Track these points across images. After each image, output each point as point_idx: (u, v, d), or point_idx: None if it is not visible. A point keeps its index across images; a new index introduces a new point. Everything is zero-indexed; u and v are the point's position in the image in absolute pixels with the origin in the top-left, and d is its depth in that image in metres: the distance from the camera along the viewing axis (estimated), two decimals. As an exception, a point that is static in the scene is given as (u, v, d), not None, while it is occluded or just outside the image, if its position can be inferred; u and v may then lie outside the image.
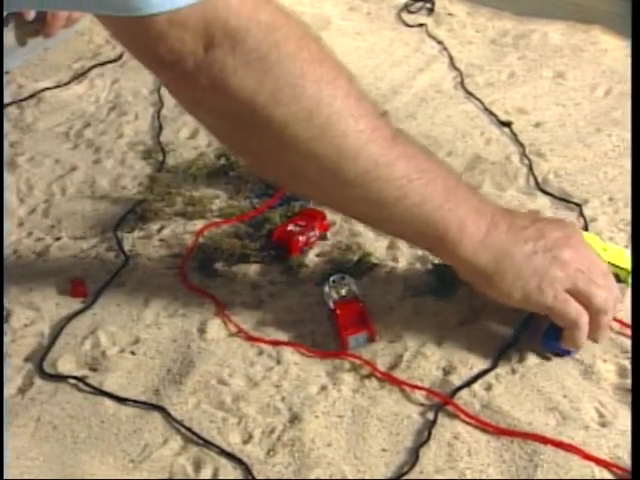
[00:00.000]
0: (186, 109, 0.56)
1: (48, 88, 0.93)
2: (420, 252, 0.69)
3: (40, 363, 0.62)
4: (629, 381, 0.57)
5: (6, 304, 0.67)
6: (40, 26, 0.89)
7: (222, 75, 0.48)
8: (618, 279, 0.65)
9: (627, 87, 0.88)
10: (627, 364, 0.59)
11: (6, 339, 0.64)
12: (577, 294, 0.56)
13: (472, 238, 0.55)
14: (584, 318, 0.56)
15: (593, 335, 0.57)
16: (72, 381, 0.60)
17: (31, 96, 0.92)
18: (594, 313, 0.56)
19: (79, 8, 0.52)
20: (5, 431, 0.56)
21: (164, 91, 0.89)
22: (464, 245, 0.55)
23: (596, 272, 0.57)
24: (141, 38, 0.47)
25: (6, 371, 0.61)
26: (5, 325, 0.65)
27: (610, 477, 0.52)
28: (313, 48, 0.50)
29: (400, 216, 0.54)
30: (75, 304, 0.67)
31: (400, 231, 0.59)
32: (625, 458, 0.53)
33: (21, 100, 0.92)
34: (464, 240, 0.55)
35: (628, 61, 0.92)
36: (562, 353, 0.59)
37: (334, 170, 0.52)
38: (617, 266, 0.65)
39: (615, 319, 0.61)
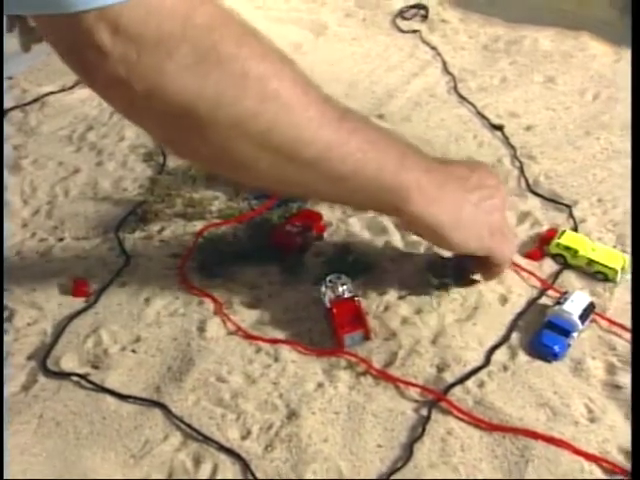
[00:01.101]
0: (127, 118, 0.52)
1: (52, 92, 0.93)
2: (414, 252, 0.69)
3: (43, 361, 0.61)
4: (617, 377, 0.57)
5: (10, 303, 0.66)
6: (44, 32, 0.89)
7: (159, 81, 0.44)
8: (606, 278, 0.65)
9: (615, 92, 0.88)
10: (615, 361, 0.59)
11: (10, 338, 0.64)
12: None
13: (428, 196, 0.56)
14: (510, 258, 0.63)
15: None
16: (74, 378, 0.60)
17: (35, 100, 0.92)
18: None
19: (19, 10, 0.47)
20: (8, 428, 0.56)
21: (165, 95, 0.89)
22: (421, 204, 0.56)
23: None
24: (69, 36, 0.43)
25: (9, 369, 0.61)
26: (9, 324, 0.65)
27: (599, 471, 0.52)
28: (254, 44, 0.48)
29: (359, 187, 0.54)
30: (77, 303, 0.66)
31: (360, 201, 0.59)
32: (614, 453, 0.53)
33: (25, 104, 0.91)
34: (421, 199, 0.56)
35: (616, 66, 0.93)
36: (551, 357, 0.59)
37: (289, 159, 0.51)
38: (606, 266, 0.65)
39: (604, 317, 0.61)
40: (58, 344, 0.63)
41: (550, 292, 0.64)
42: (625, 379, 0.57)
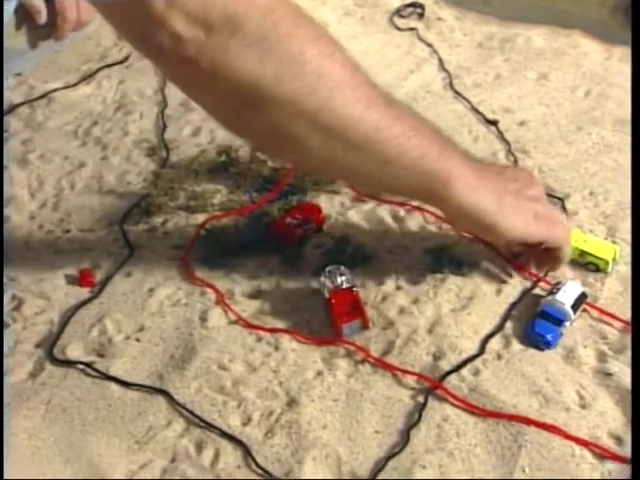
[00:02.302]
0: (188, 94, 0.54)
1: (58, 89, 0.92)
2: (411, 243, 0.68)
3: (50, 349, 0.61)
4: (608, 365, 0.57)
5: (18, 293, 0.66)
6: (51, 30, 0.88)
7: (224, 59, 0.47)
8: (597, 268, 0.64)
9: (606, 88, 0.88)
10: (606, 349, 0.58)
11: (18, 326, 0.63)
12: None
13: (469, 184, 0.56)
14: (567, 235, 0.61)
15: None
16: (80, 366, 0.59)
17: (42, 96, 0.91)
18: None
19: None
20: (17, 414, 0.56)
21: (168, 91, 0.88)
22: (463, 191, 0.55)
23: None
24: (141, 24, 0.46)
25: (17, 357, 0.60)
26: (17, 313, 0.64)
27: (589, 456, 0.51)
28: (308, 26, 0.50)
29: (403, 171, 0.55)
30: (83, 293, 0.66)
31: (403, 187, 0.59)
32: (604, 438, 0.52)
33: (32, 100, 0.91)
34: (463, 186, 0.55)
35: (606, 64, 0.92)
36: (544, 346, 0.58)
37: (339, 138, 0.52)
38: (597, 257, 0.64)
39: (594, 307, 0.61)
40: (64, 333, 0.62)
41: (543, 282, 0.63)
42: (615, 367, 0.57)
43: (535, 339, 0.58)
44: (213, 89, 0.50)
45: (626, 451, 0.51)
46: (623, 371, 0.56)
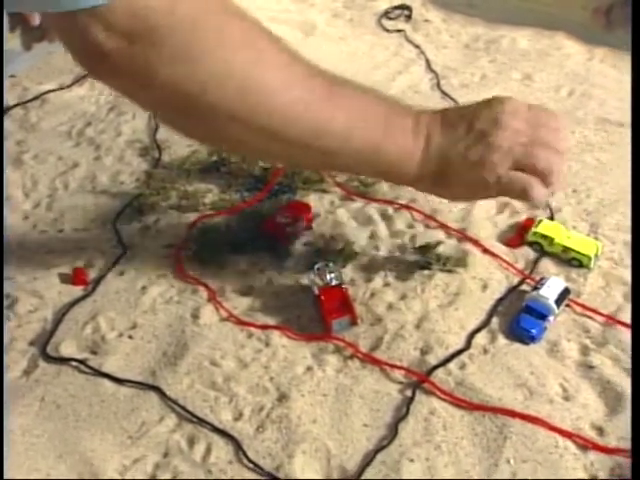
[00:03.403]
0: (125, 97, 0.52)
1: (51, 90, 0.92)
2: (400, 241, 0.68)
3: (44, 347, 0.60)
4: (590, 358, 0.57)
5: (12, 292, 0.65)
6: (45, 32, 0.87)
7: (149, 70, 0.45)
8: (580, 264, 0.64)
9: (588, 88, 0.88)
10: (588, 343, 0.58)
11: (12, 324, 0.63)
12: (521, 166, 0.53)
13: (414, 158, 0.53)
14: (532, 187, 0.53)
15: (551, 189, 0.54)
16: (74, 363, 0.59)
17: (35, 98, 0.91)
18: (542, 176, 0.53)
19: (20, 8, 0.49)
20: (12, 411, 0.55)
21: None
22: (409, 166, 0.54)
23: (536, 132, 0.54)
24: (69, 33, 0.45)
25: (12, 354, 0.60)
26: (12, 311, 0.64)
27: (572, 446, 0.51)
28: (236, 32, 0.47)
29: (347, 160, 0.53)
30: (77, 292, 0.65)
31: (349, 170, 0.59)
32: (586, 429, 0.52)
33: (26, 102, 0.90)
34: (408, 162, 0.54)
35: (589, 64, 0.93)
36: (529, 340, 0.58)
37: (277, 139, 0.50)
38: (580, 252, 0.64)
39: (577, 302, 0.61)
40: (58, 330, 0.62)
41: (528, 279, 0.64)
42: (597, 360, 0.57)
43: (520, 333, 0.58)
44: (143, 97, 0.49)
45: (607, 441, 0.51)
46: (605, 364, 0.56)
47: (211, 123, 0.49)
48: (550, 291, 0.60)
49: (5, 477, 0.46)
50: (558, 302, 0.59)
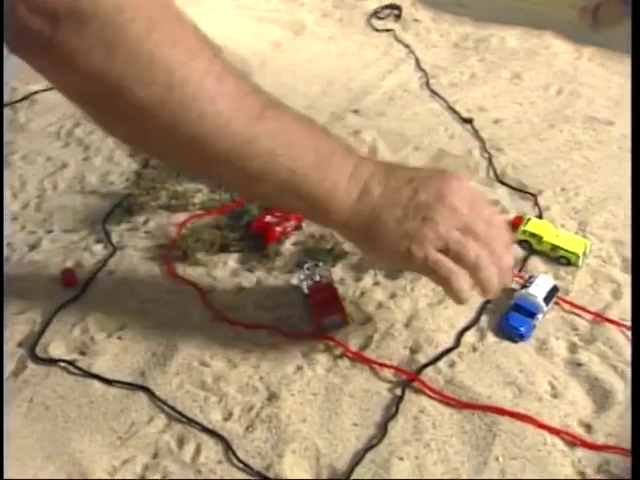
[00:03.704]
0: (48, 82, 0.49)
1: (40, 90, 0.91)
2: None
3: (33, 348, 0.60)
4: (578, 356, 0.57)
5: (1, 293, 0.65)
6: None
7: (70, 55, 0.43)
8: (569, 262, 0.65)
9: (576, 87, 0.88)
10: (577, 340, 0.58)
11: None
12: (449, 253, 0.50)
13: (342, 206, 0.50)
14: (455, 277, 0.50)
15: (479, 290, 0.52)
16: (63, 364, 0.58)
17: (24, 98, 0.90)
18: (470, 270, 0.50)
19: None
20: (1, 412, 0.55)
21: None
22: (334, 213, 0.50)
23: (477, 223, 0.51)
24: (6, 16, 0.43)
25: None
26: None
27: (561, 443, 0.51)
28: (167, 29, 0.45)
29: (270, 190, 0.50)
30: (66, 293, 0.65)
31: (275, 203, 0.55)
32: (574, 426, 0.52)
33: (15, 102, 0.89)
34: (334, 208, 0.50)
35: (577, 63, 0.93)
36: (518, 338, 0.58)
37: (195, 152, 0.47)
38: (568, 251, 0.64)
39: (566, 300, 0.61)
40: (47, 332, 0.61)
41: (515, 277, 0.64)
42: (585, 357, 0.57)
43: (509, 331, 0.59)
44: (65, 86, 0.46)
45: (595, 438, 0.51)
46: (593, 361, 0.56)
47: (132, 123, 0.46)
48: (539, 289, 0.60)
49: (5, 477, 0.45)
50: (547, 300, 0.60)
